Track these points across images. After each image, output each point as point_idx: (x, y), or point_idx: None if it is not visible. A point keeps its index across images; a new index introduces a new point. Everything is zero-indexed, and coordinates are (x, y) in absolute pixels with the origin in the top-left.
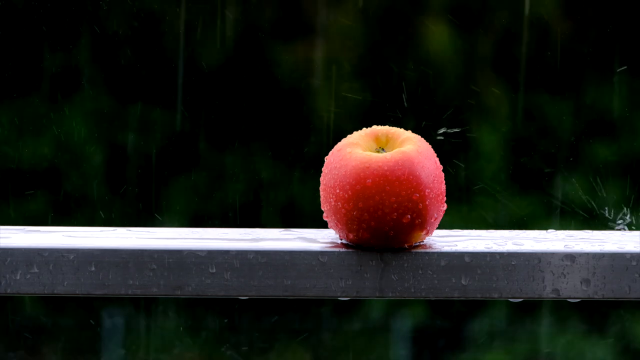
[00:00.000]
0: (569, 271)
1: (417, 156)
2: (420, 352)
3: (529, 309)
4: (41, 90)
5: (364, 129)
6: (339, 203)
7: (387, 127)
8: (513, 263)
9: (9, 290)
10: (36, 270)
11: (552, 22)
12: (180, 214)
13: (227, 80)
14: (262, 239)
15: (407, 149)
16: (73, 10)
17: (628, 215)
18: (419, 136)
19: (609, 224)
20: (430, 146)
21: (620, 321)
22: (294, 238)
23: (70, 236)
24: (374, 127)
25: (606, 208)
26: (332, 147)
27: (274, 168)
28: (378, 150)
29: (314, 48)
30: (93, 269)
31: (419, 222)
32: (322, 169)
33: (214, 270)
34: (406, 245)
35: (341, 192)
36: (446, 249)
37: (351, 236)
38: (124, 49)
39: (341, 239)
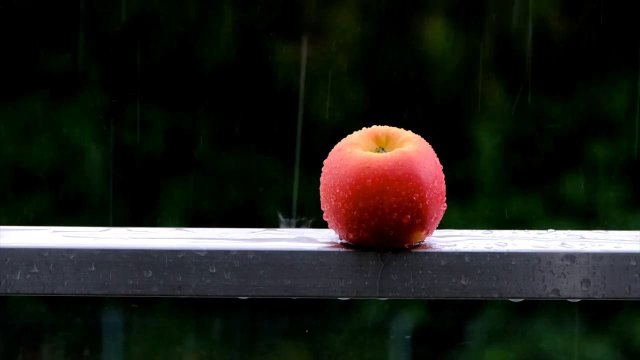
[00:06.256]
0: (569, 271)
1: (417, 156)
2: (420, 352)
3: (529, 308)
4: (41, 90)
5: (364, 128)
6: (339, 203)
7: (387, 127)
8: (513, 263)
9: (9, 290)
10: (36, 270)
11: (552, 21)
12: (179, 214)
13: (226, 79)
14: (262, 239)
15: (407, 149)
16: (73, 10)
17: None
18: (419, 136)
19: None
20: (430, 146)
21: (620, 321)
22: (294, 238)
23: (70, 236)
24: (374, 127)
25: (606, 208)
26: (332, 147)
27: (274, 168)
28: (378, 150)
29: (313, 47)
30: (93, 269)
31: (419, 222)
32: (322, 169)
33: (214, 270)
34: (406, 245)
35: (341, 192)
36: (446, 249)
37: (351, 236)
38: (123, 49)
39: (341, 239)
